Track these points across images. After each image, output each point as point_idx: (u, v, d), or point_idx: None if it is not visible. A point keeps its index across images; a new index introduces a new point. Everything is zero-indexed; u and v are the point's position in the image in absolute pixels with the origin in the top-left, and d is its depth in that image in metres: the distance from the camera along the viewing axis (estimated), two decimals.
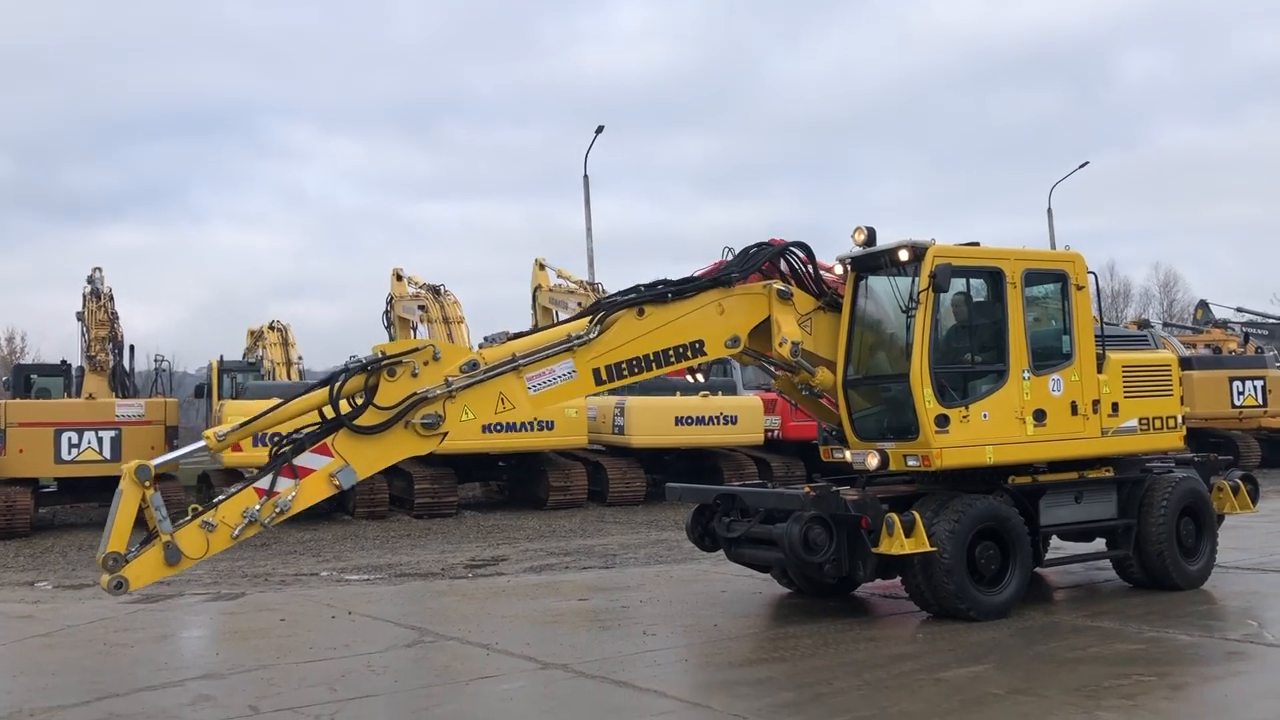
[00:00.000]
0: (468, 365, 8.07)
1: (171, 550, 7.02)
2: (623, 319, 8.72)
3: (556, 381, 8.44)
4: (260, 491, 7.36)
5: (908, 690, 6.90)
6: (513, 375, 8.25)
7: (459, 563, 13.67)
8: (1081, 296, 9.83)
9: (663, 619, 9.56)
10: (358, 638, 9.00)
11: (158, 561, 7.04)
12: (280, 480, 7.43)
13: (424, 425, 7.82)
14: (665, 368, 8.98)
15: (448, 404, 7.94)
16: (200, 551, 7.18)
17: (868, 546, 8.87)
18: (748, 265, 9.33)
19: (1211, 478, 11.01)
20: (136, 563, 6.98)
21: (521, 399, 8.32)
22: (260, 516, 7.28)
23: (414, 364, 7.87)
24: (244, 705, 6.95)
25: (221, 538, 7.23)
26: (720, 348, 9.18)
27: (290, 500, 7.41)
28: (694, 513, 10.31)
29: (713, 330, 9.06)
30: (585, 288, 25.09)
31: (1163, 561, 10.02)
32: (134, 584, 7.01)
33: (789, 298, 9.32)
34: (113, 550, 6.89)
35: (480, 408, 8.14)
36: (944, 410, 8.97)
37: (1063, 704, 6.45)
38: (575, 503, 20.15)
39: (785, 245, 9.60)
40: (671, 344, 8.87)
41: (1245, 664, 7.52)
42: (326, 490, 7.62)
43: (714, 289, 9.08)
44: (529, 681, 7.45)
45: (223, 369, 27.99)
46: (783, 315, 9.25)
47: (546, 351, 8.41)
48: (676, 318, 8.89)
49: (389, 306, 27.55)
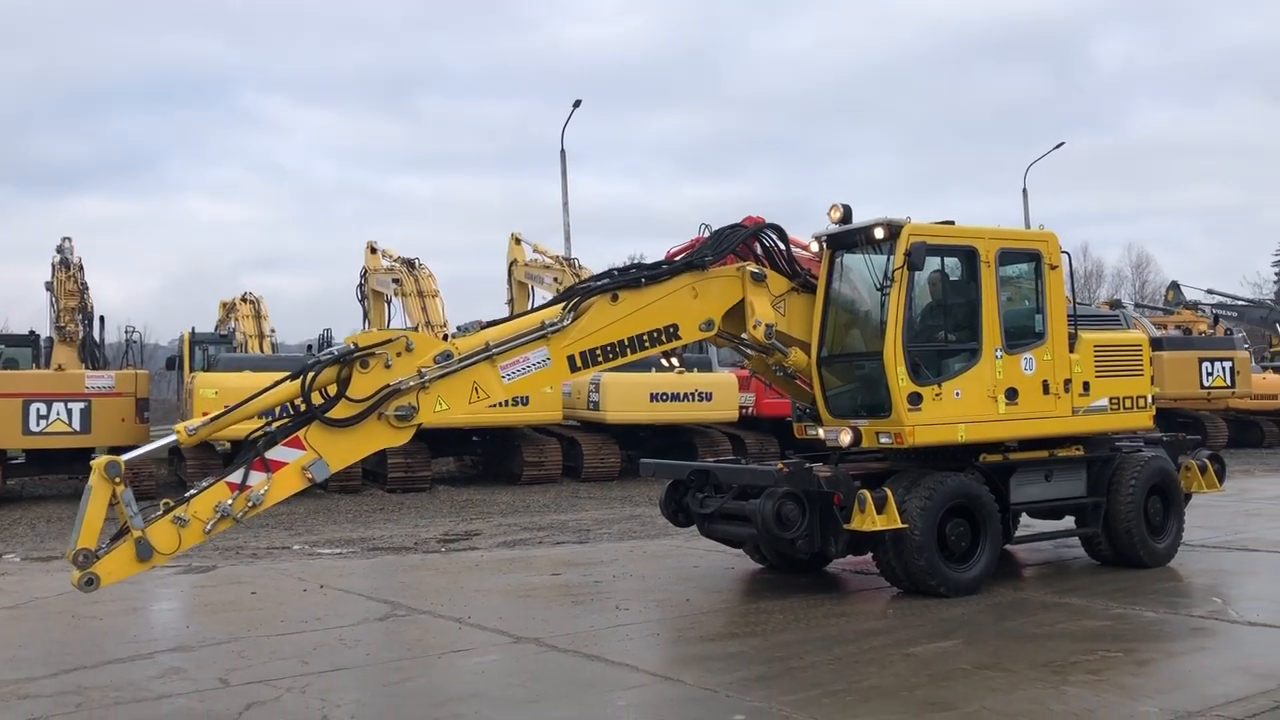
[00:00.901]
0: (441, 356, 7.97)
1: (143, 546, 6.91)
2: (596, 305, 8.67)
3: (531, 369, 8.39)
4: (232, 486, 7.21)
5: (878, 665, 6.96)
6: (486, 364, 8.18)
7: (432, 537, 13.66)
8: (1055, 276, 9.88)
9: (635, 594, 9.59)
10: (329, 611, 8.98)
11: (129, 558, 6.91)
12: (252, 474, 7.32)
13: (398, 417, 7.75)
14: (640, 353, 8.94)
15: (421, 395, 7.85)
16: (172, 547, 7.05)
17: (840, 523, 8.92)
18: (721, 247, 9.30)
19: (1179, 457, 11.14)
20: (108, 559, 6.85)
21: (495, 388, 8.26)
22: (233, 511, 7.18)
23: (387, 355, 7.77)
24: (214, 678, 6.93)
25: (194, 533, 7.10)
26: (694, 331, 9.16)
27: (263, 494, 7.31)
28: (668, 488, 10.34)
29: (687, 314, 9.04)
30: (562, 263, 24.99)
31: (1130, 539, 10.14)
32: (105, 580, 6.90)
33: (762, 279, 9.32)
34: (83, 547, 6.75)
35: (454, 398, 8.06)
36: (917, 388, 9.00)
37: (1030, 679, 6.52)
38: (549, 478, 20.16)
39: (758, 227, 9.59)
40: (646, 329, 8.84)
41: (1209, 640, 7.62)
42: (299, 484, 7.53)
43: (687, 272, 9.05)
44: (501, 655, 7.46)
45: (194, 341, 27.80)
46: (756, 297, 9.25)
47: (520, 339, 8.34)
48: (650, 302, 8.85)
49: (363, 280, 27.39)
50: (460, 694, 6.53)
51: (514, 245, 26.25)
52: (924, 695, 6.23)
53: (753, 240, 9.53)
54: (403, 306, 24.98)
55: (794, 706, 6.01)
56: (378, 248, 27.02)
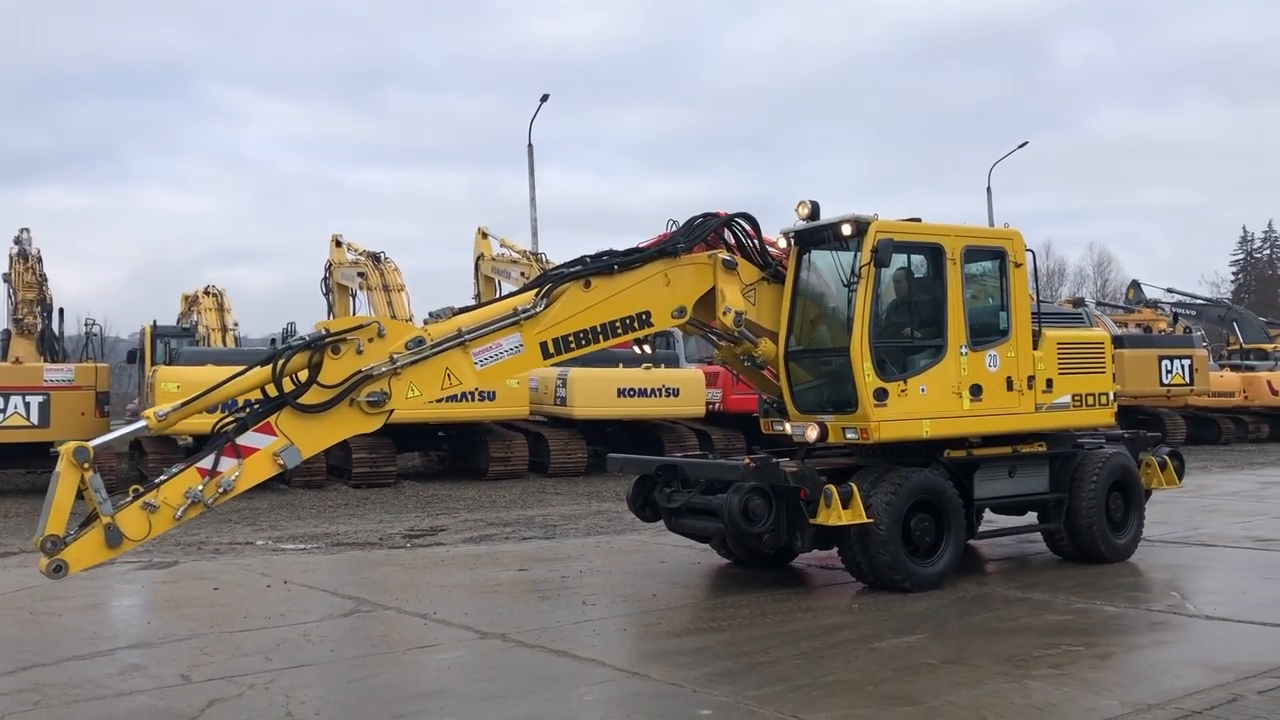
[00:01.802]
0: (413, 342, 7.92)
1: (113, 532, 6.81)
2: (569, 291, 8.65)
3: (503, 356, 8.36)
4: (203, 471, 7.12)
5: (843, 660, 6.99)
6: (459, 351, 8.14)
7: (397, 533, 13.57)
8: (1019, 274, 9.96)
9: (602, 589, 9.58)
10: (293, 607, 8.90)
11: (98, 544, 6.81)
12: (223, 460, 7.24)
13: (369, 403, 7.70)
14: (612, 339, 8.95)
15: (393, 381, 7.80)
16: (142, 533, 6.95)
17: (806, 518, 8.95)
18: (693, 236, 9.32)
19: (1140, 454, 11.26)
20: (76, 545, 6.74)
21: (468, 374, 8.22)
22: (203, 497, 7.09)
23: (359, 341, 7.71)
24: (175, 674, 6.85)
25: (164, 519, 7.01)
26: (667, 318, 9.17)
27: (234, 480, 7.23)
28: (635, 483, 10.33)
29: (659, 301, 9.04)
30: (528, 258, 24.95)
31: (1092, 535, 10.25)
32: (74, 567, 6.74)
33: (734, 267, 9.34)
34: (51, 533, 6.64)
35: (426, 384, 8.02)
36: (883, 384, 9.05)
37: (994, 673, 6.57)
38: (516, 473, 20.11)
39: (730, 216, 9.60)
40: (618, 315, 8.83)
41: (1168, 634, 7.72)
42: (270, 470, 7.46)
43: (660, 260, 9.05)
44: (467, 651, 7.43)
45: (156, 334, 27.43)
46: (727, 284, 9.26)
47: (492, 326, 8.30)
48: (623, 289, 8.85)
49: (328, 273, 27.20)
50: (425, 690, 6.49)
51: (480, 240, 26.16)
52: (889, 690, 6.27)
53: (725, 229, 9.56)
54: (368, 300, 24.86)
55: (760, 701, 6.03)
56: (343, 241, 26.85)
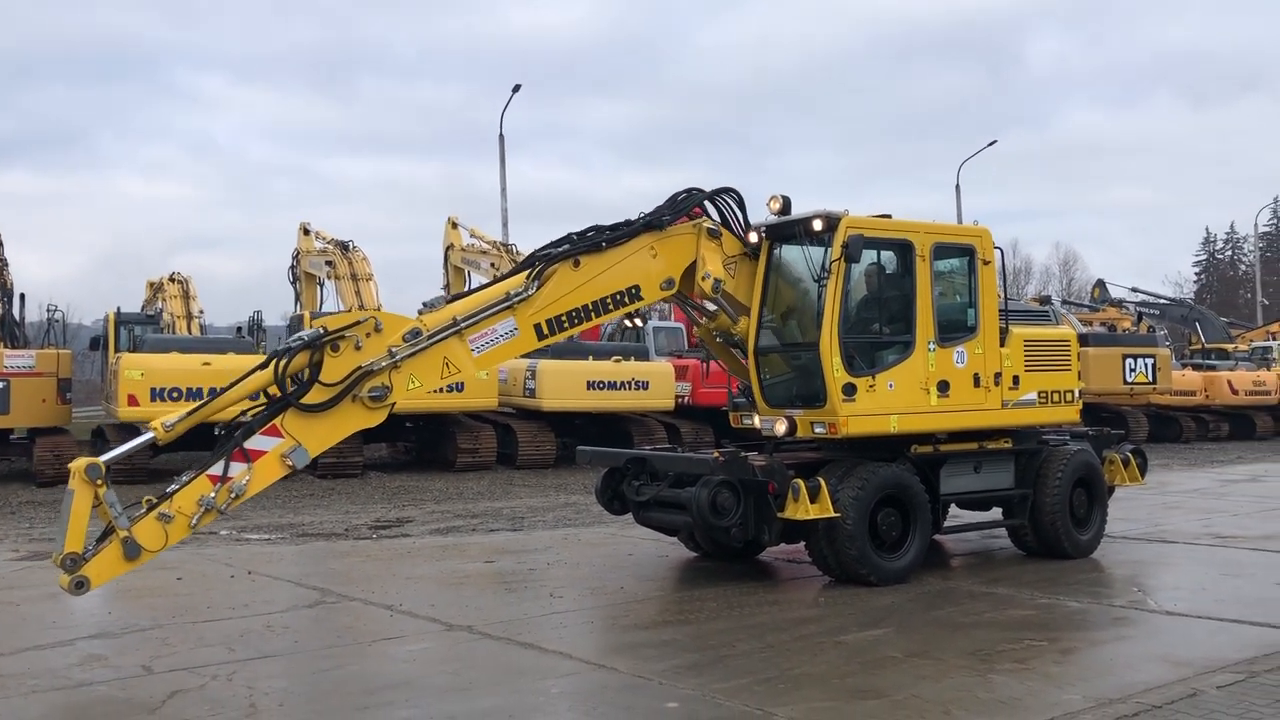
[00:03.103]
0: (410, 333, 7.98)
1: (130, 545, 6.94)
2: (560, 271, 8.71)
3: (499, 341, 8.45)
4: (214, 478, 7.23)
5: (809, 653, 7.02)
6: (455, 339, 8.21)
7: (363, 524, 13.49)
8: (987, 271, 10.02)
9: (569, 582, 9.56)
10: (257, 598, 8.83)
11: (117, 557, 6.95)
12: (233, 465, 7.31)
13: (371, 398, 7.77)
14: (604, 316, 9.07)
15: (393, 374, 7.87)
16: (159, 544, 7.09)
17: (773, 511, 8.98)
18: (679, 208, 9.40)
19: (1103, 451, 11.38)
20: (96, 561, 6.88)
21: (465, 361, 8.30)
22: (216, 503, 7.21)
23: (357, 337, 7.77)
24: (137, 665, 6.77)
25: (179, 528, 7.15)
26: (655, 291, 9.27)
27: (245, 484, 7.33)
28: (603, 476, 10.32)
29: (647, 274, 9.13)
30: (498, 248, 24.82)
31: (1056, 531, 10.34)
32: (96, 582, 6.90)
33: (718, 236, 9.45)
34: (70, 551, 6.79)
35: (426, 374, 8.09)
36: (851, 379, 9.09)
37: (958, 667, 6.62)
38: (484, 465, 20.03)
39: (717, 189, 9.68)
40: (609, 292, 8.93)
41: (1130, 629, 7.81)
42: (280, 471, 7.54)
43: (646, 233, 9.13)
44: (433, 643, 7.39)
45: (120, 321, 27.07)
46: (709, 252, 9.36)
47: (487, 312, 8.36)
48: (612, 265, 8.94)
49: (295, 261, 26.96)
50: (390, 682, 6.45)
51: (451, 230, 26.00)
52: (854, 683, 6.30)
53: (709, 202, 9.62)
54: (335, 290, 24.64)
55: (726, 694, 6.04)
56: (311, 229, 26.60)
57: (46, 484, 17.12)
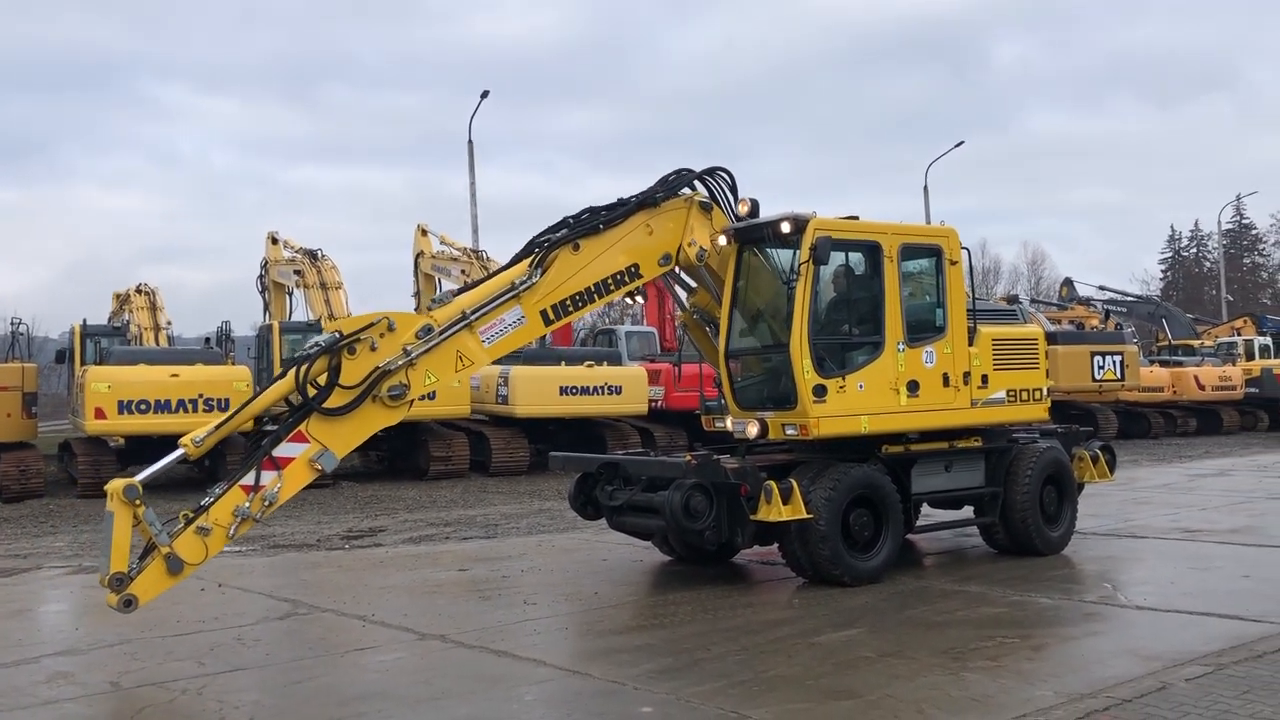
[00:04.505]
0: (422, 330, 8.15)
1: (173, 560, 7.20)
2: (561, 256, 8.85)
3: (508, 330, 8.63)
4: (247, 488, 7.46)
5: (783, 655, 7.02)
6: (466, 332, 8.39)
7: (335, 534, 13.40)
8: (955, 271, 10.08)
9: (543, 588, 9.53)
10: (228, 610, 8.75)
11: (161, 573, 7.21)
12: (264, 473, 7.53)
13: (391, 396, 7.96)
14: (606, 297, 9.24)
15: (410, 372, 8.06)
16: (200, 556, 7.33)
17: (746, 514, 8.99)
18: (672, 186, 9.52)
19: (1073, 448, 11.47)
20: (141, 578, 7.13)
21: (478, 353, 8.50)
22: (251, 512, 7.45)
23: (371, 338, 7.96)
24: (104, 681, 6.69)
25: (218, 539, 7.40)
26: (654, 267, 9.41)
27: (277, 491, 7.55)
28: (577, 481, 10.30)
29: (645, 251, 9.29)
30: (469, 255, 24.75)
31: (1027, 528, 10.41)
32: (143, 599, 7.14)
33: (709, 209, 9.61)
34: (116, 571, 7.04)
35: (441, 369, 8.29)
36: (822, 380, 9.12)
37: (931, 666, 6.64)
38: (457, 473, 19.95)
39: (708, 169, 9.81)
40: (610, 272, 9.10)
41: (1101, 624, 7.86)
42: (309, 476, 7.76)
43: (641, 211, 9.27)
44: (406, 653, 7.34)
45: (85, 333, 26.74)
46: (698, 223, 9.53)
47: (494, 302, 8.54)
48: (611, 245, 9.09)
49: (263, 271, 26.74)
50: (363, 693, 6.40)
51: (420, 237, 25.87)
52: (828, 684, 6.31)
53: (700, 181, 9.73)
54: (305, 299, 24.48)
55: (701, 698, 6.04)
56: (279, 238, 26.40)
57: (13, 500, 16.89)
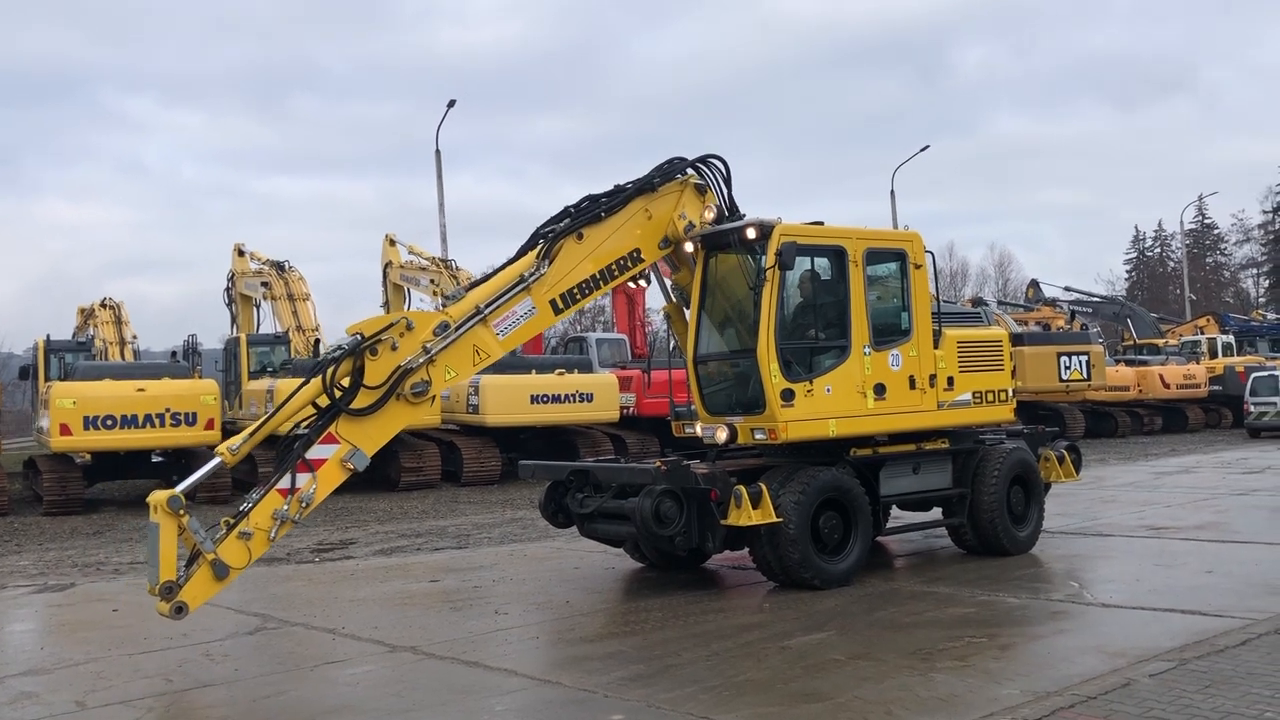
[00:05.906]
0: (439, 327, 8.37)
1: (219, 566, 7.38)
2: (566, 246, 9.03)
3: (520, 321, 8.87)
4: (283, 492, 7.68)
5: (754, 659, 7.05)
6: (481, 326, 8.62)
7: (305, 547, 13.31)
8: (919, 275, 10.17)
9: (515, 597, 9.52)
10: (196, 627, 8.65)
11: (208, 579, 7.38)
12: (298, 476, 7.74)
13: (414, 394, 8.19)
14: (611, 283, 9.46)
15: (430, 369, 8.29)
16: (244, 561, 7.54)
17: (717, 519, 9.02)
18: (668, 171, 9.66)
19: (1039, 448, 11.58)
20: (190, 585, 7.30)
21: (493, 346, 8.72)
22: (289, 514, 7.68)
23: (392, 338, 8.18)
24: (69, 701, 6.61)
25: (260, 543, 7.61)
26: (655, 251, 9.60)
27: (313, 492, 7.77)
28: (548, 489, 10.29)
29: (645, 236, 9.49)
30: (438, 264, 24.67)
31: (994, 528, 10.50)
32: (193, 605, 7.31)
33: (704, 191, 9.78)
34: (165, 580, 7.22)
35: (459, 364, 8.52)
36: (789, 385, 9.16)
37: (900, 667, 6.69)
38: (428, 483, 19.88)
39: (702, 155, 9.92)
40: (613, 259, 9.31)
41: (1067, 622, 7.94)
42: (341, 475, 7.98)
43: (640, 196, 9.45)
44: (377, 665, 7.31)
45: (50, 349, 26.48)
46: (690, 201, 9.72)
47: (505, 296, 8.75)
48: (613, 232, 9.28)
49: (230, 283, 26.56)
50: (333, 706, 6.37)
51: (388, 247, 25.78)
52: (798, 687, 6.34)
53: (695, 168, 9.85)
54: (272, 310, 24.35)
55: (672, 703, 6.05)
56: (245, 250, 26.24)
57: None
